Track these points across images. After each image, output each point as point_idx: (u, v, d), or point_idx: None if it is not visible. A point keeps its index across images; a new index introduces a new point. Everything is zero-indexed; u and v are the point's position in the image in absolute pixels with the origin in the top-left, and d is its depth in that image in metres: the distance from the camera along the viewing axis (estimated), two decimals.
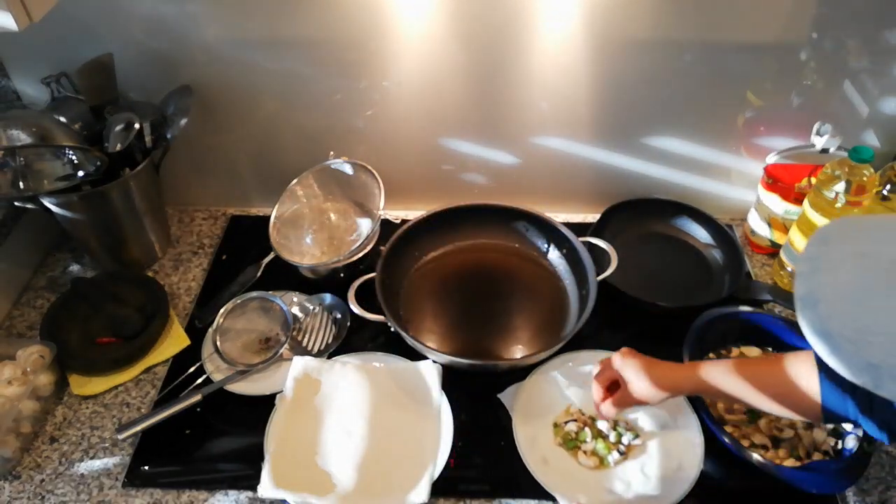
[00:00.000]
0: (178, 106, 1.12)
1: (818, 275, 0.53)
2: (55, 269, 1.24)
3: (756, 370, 0.79)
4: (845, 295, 0.50)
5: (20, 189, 1.00)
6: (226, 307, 1.07)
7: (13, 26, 0.74)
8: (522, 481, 0.90)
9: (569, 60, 1.09)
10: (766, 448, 0.92)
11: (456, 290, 1.17)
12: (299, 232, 1.21)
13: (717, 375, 0.80)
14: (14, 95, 1.18)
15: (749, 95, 1.13)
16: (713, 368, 0.81)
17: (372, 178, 1.17)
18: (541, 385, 1.00)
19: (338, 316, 1.12)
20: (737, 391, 0.78)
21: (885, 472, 0.92)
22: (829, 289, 0.51)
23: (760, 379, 0.77)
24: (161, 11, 1.06)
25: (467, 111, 1.18)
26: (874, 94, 1.10)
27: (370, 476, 0.89)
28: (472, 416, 0.98)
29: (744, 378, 0.78)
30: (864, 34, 1.04)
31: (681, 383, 0.83)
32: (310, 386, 1.00)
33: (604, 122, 1.18)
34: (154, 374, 1.06)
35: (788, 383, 0.75)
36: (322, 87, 1.16)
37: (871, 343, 0.49)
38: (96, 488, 0.92)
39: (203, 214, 1.36)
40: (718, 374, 0.80)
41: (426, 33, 1.07)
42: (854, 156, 0.99)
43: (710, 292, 1.15)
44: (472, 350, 1.08)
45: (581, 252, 1.12)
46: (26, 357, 1.00)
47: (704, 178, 1.26)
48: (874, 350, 0.49)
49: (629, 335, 1.10)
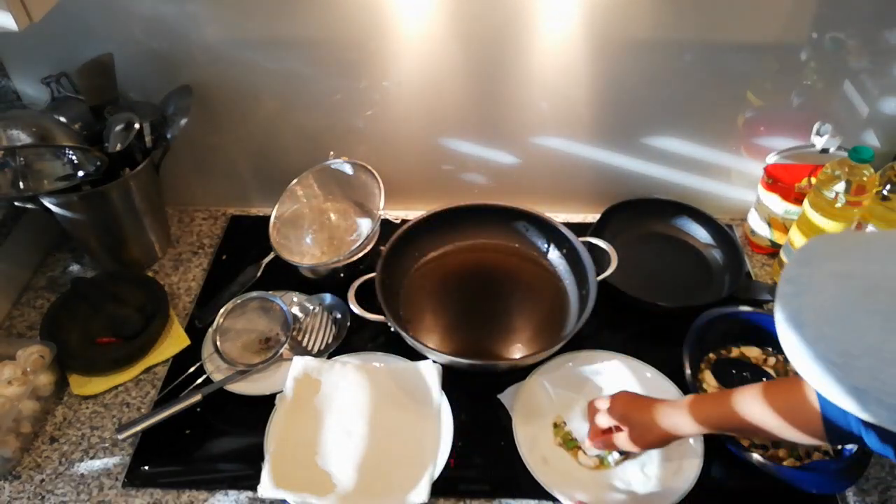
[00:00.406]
0: (178, 106, 1.12)
1: (801, 297, 0.52)
2: (55, 269, 1.24)
3: (758, 399, 0.76)
4: (829, 317, 0.49)
5: (20, 189, 1.00)
6: (226, 307, 1.07)
7: (13, 26, 0.74)
8: (522, 481, 0.90)
9: (569, 60, 1.09)
10: (766, 448, 0.92)
11: (456, 290, 1.17)
12: (299, 232, 1.21)
13: (716, 410, 0.79)
14: (14, 95, 1.18)
15: (749, 95, 1.13)
16: (712, 405, 0.80)
17: (372, 178, 1.17)
18: (541, 385, 1.00)
19: (338, 316, 1.12)
20: (741, 423, 0.77)
21: (885, 472, 0.92)
22: (812, 311, 0.50)
23: (764, 407, 0.75)
24: (161, 11, 1.06)
25: (467, 111, 1.18)
26: (874, 94, 1.10)
27: (370, 476, 0.89)
28: (472, 416, 0.98)
29: (746, 409, 0.76)
30: (864, 34, 1.03)
31: (681, 426, 0.81)
32: (310, 386, 1.00)
33: (604, 122, 1.18)
34: (154, 374, 1.06)
35: (790, 408, 0.73)
36: (322, 87, 1.16)
37: (855, 367, 0.48)
38: (96, 488, 0.92)
39: (203, 214, 1.36)
40: (718, 409, 0.79)
41: (426, 33, 1.07)
42: (854, 156, 0.99)
43: (710, 292, 1.15)
44: (472, 350, 1.08)
45: (581, 252, 1.12)
46: (26, 357, 1.00)
47: (704, 178, 1.26)
48: (859, 374, 0.48)
49: (629, 335, 1.10)
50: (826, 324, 0.48)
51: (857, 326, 0.47)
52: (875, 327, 0.46)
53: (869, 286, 0.47)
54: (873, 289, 0.47)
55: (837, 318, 0.48)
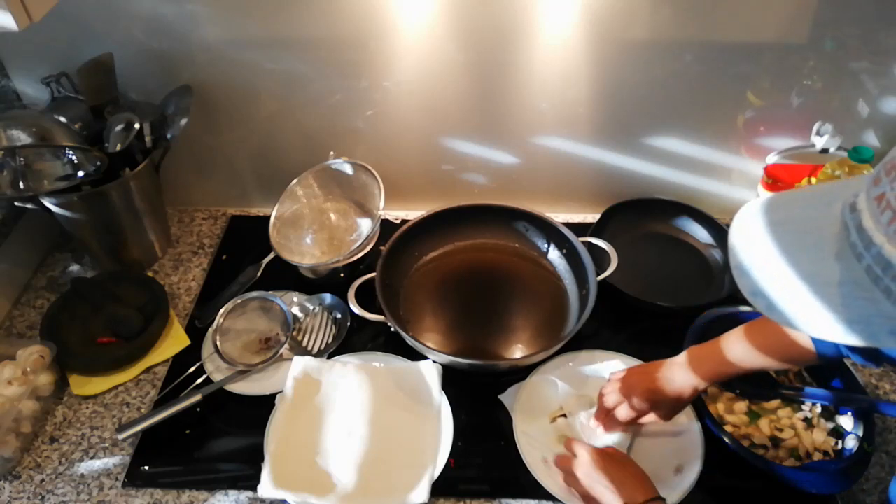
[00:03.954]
0: (178, 106, 1.12)
1: (747, 247, 0.56)
2: (55, 269, 1.24)
3: (756, 336, 0.82)
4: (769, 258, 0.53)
5: (20, 189, 1.00)
6: (226, 307, 1.07)
7: (13, 26, 0.74)
8: (522, 481, 0.90)
9: (569, 60, 1.09)
10: (766, 448, 0.92)
11: (456, 290, 1.17)
12: (299, 232, 1.21)
13: (716, 368, 0.84)
14: (14, 95, 1.18)
15: (749, 95, 1.13)
16: (729, 343, 0.84)
17: (372, 178, 1.17)
18: (541, 385, 1.00)
19: (338, 316, 1.12)
20: (745, 360, 0.82)
21: (885, 472, 0.92)
22: (755, 257, 0.55)
23: (759, 343, 0.81)
24: (161, 11, 1.06)
25: (467, 111, 1.18)
26: (874, 94, 1.10)
27: (370, 476, 0.89)
28: (472, 416, 0.98)
29: (747, 346, 0.82)
30: (864, 34, 1.03)
31: (703, 362, 0.85)
32: (310, 386, 1.00)
33: (604, 122, 1.18)
34: (154, 374, 1.06)
35: (784, 341, 0.80)
36: (322, 87, 1.16)
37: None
38: (96, 488, 0.92)
39: (203, 214, 1.36)
40: (718, 367, 0.84)
41: (426, 33, 1.07)
42: (854, 156, 0.99)
43: (710, 292, 1.15)
44: (472, 350, 1.08)
45: (581, 252, 1.12)
46: (26, 357, 0.99)
47: (704, 178, 1.26)
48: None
49: (629, 335, 1.10)
50: (767, 263, 0.53)
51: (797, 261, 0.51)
52: (806, 261, 0.50)
53: (800, 227, 0.53)
54: (803, 231, 0.52)
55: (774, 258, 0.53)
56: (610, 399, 0.90)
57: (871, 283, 0.46)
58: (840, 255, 0.48)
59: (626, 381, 0.89)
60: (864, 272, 0.46)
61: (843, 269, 0.48)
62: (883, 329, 0.46)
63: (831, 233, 0.50)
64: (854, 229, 0.47)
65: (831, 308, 0.48)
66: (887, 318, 0.46)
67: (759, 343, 0.81)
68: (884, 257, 0.45)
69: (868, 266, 0.46)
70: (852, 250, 0.47)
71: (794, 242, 0.52)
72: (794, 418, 0.95)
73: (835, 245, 0.49)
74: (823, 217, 0.51)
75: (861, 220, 0.47)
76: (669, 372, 0.87)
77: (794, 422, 0.94)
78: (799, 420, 0.94)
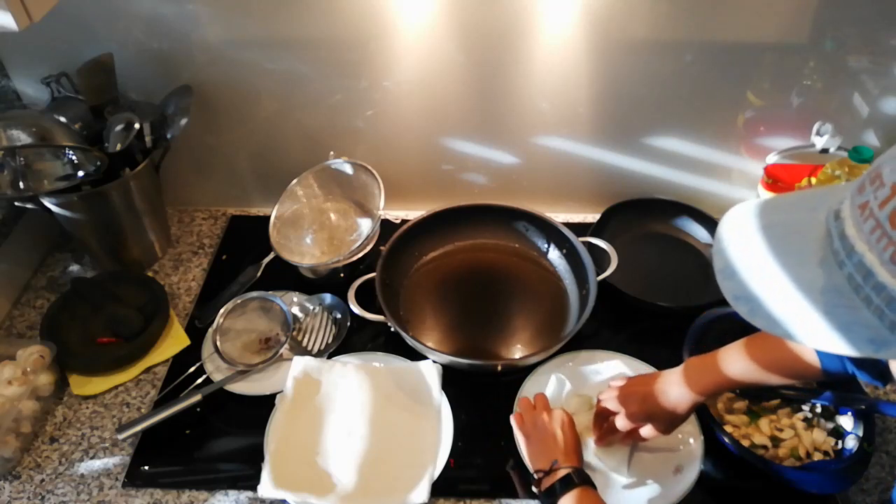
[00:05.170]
0: (178, 106, 1.12)
1: (732, 249, 0.56)
2: (55, 269, 1.24)
3: (757, 351, 0.80)
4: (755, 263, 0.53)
5: (20, 189, 1.00)
6: (226, 307, 1.07)
7: (13, 26, 0.74)
8: (523, 481, 0.90)
9: (569, 60, 1.09)
10: (766, 448, 0.92)
11: (456, 290, 1.17)
12: (299, 232, 1.21)
13: (714, 381, 0.81)
14: (14, 95, 1.18)
15: (749, 95, 1.13)
16: (729, 358, 0.81)
17: (372, 178, 1.17)
18: (541, 385, 1.00)
19: (338, 316, 1.12)
20: (745, 376, 0.80)
21: (885, 472, 0.92)
22: (739, 262, 0.55)
23: (760, 359, 0.79)
24: (161, 11, 1.06)
25: (467, 111, 1.18)
26: (874, 94, 1.10)
27: (370, 476, 0.89)
28: (472, 416, 0.98)
29: (748, 362, 0.80)
30: (864, 34, 1.04)
31: (701, 376, 0.82)
32: (310, 386, 1.00)
33: (604, 122, 1.18)
34: (154, 374, 1.06)
35: (787, 357, 0.78)
36: (322, 87, 1.16)
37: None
38: (96, 488, 0.92)
39: (203, 214, 1.36)
40: (716, 380, 0.81)
41: (426, 33, 1.07)
42: (854, 156, 0.99)
43: (710, 292, 1.15)
44: (472, 350, 1.08)
45: (581, 252, 1.12)
46: (26, 357, 0.99)
47: (704, 178, 1.26)
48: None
49: (629, 335, 1.10)
50: (751, 268, 0.53)
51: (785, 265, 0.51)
52: (789, 266, 0.50)
53: (785, 231, 0.53)
54: (787, 235, 0.52)
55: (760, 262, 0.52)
56: (607, 406, 0.89)
57: (852, 291, 0.46)
58: (823, 262, 0.48)
59: (623, 391, 0.87)
60: (846, 280, 0.46)
61: (825, 276, 0.48)
62: (862, 337, 0.46)
63: (815, 239, 0.50)
64: (837, 237, 0.47)
65: (812, 314, 0.48)
66: (867, 327, 0.46)
67: (759, 358, 0.79)
68: (865, 266, 0.45)
69: (849, 274, 0.46)
70: (835, 258, 0.48)
71: (778, 247, 0.52)
72: (794, 418, 0.95)
73: (818, 251, 0.49)
74: (808, 223, 0.51)
75: (844, 227, 0.47)
76: (665, 385, 0.84)
77: (794, 422, 0.94)
78: (799, 420, 0.94)
